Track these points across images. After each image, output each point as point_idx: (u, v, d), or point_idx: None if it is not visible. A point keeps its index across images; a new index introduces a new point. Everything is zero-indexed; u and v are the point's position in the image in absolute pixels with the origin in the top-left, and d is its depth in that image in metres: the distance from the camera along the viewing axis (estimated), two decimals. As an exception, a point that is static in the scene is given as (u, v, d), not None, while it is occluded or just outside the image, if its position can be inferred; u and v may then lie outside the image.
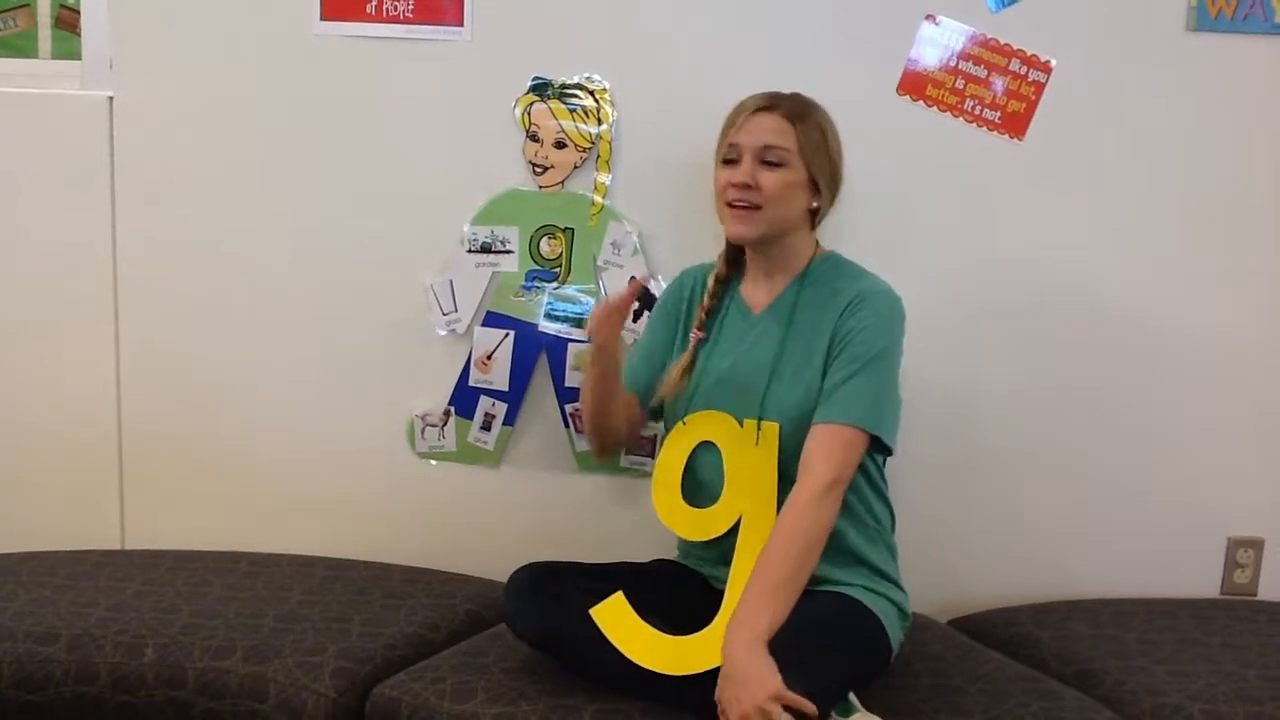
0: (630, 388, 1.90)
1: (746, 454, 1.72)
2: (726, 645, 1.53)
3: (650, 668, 1.61)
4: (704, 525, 1.76)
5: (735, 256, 1.87)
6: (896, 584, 1.78)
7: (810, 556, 1.58)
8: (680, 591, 1.80)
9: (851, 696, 1.61)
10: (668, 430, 1.85)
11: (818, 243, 1.83)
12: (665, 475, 1.80)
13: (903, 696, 1.70)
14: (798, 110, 1.76)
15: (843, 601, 1.69)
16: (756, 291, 1.83)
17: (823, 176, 1.76)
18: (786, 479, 1.67)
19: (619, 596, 1.67)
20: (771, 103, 1.76)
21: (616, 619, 1.65)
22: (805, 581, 1.57)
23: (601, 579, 1.73)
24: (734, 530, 1.72)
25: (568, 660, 1.70)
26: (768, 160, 1.73)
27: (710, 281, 1.87)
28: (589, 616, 1.65)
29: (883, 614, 1.70)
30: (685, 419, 1.80)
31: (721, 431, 1.75)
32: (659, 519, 1.80)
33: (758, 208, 1.73)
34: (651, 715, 1.61)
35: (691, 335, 1.85)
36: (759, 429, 1.71)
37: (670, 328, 1.91)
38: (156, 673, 1.77)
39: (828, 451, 1.62)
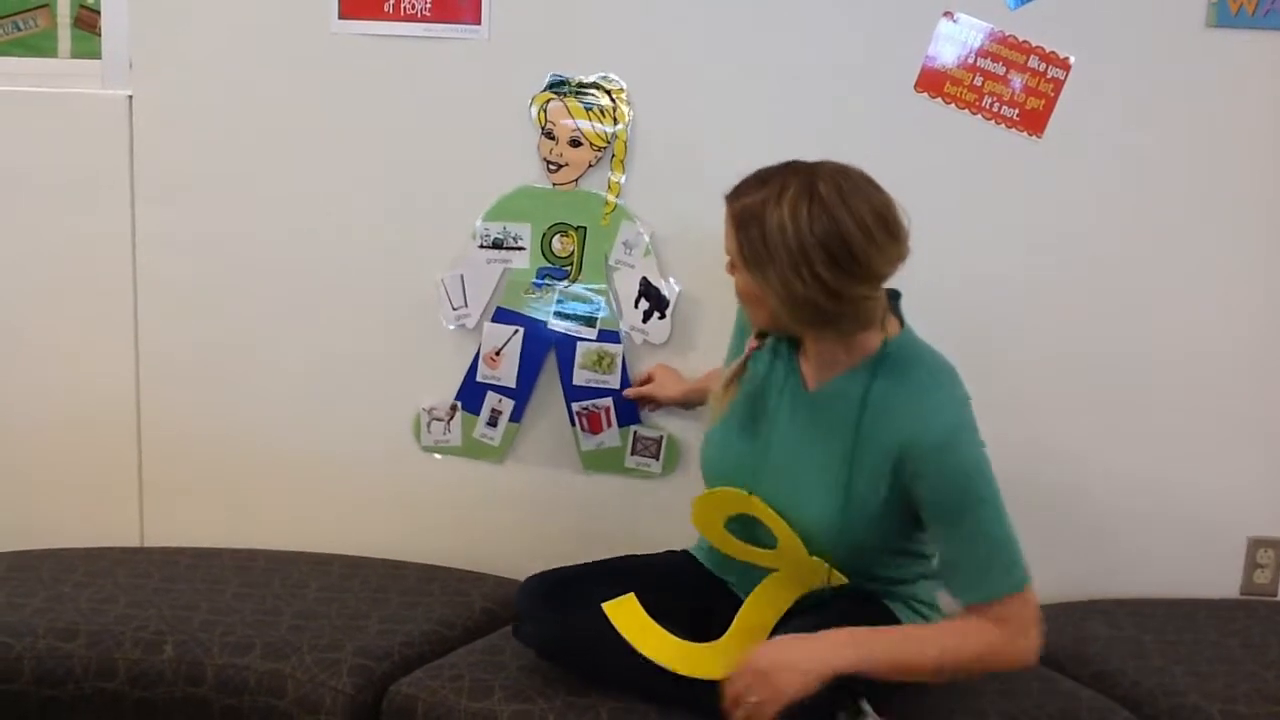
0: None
1: (803, 567, 1.65)
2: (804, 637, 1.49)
3: (662, 664, 1.61)
4: (735, 549, 1.72)
5: None
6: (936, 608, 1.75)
7: (955, 669, 1.52)
8: (695, 593, 1.79)
9: (864, 704, 1.59)
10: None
11: (884, 326, 1.58)
12: (708, 511, 1.71)
13: (918, 697, 1.69)
14: (745, 211, 1.49)
15: (872, 607, 1.66)
16: (808, 364, 1.66)
17: (771, 292, 1.48)
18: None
19: (631, 598, 1.67)
20: (732, 194, 1.53)
21: (628, 618, 1.66)
22: (923, 671, 1.52)
23: (613, 583, 1.70)
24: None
25: (579, 671, 1.69)
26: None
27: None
28: (599, 629, 1.63)
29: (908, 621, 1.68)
30: (755, 492, 1.64)
31: (786, 538, 1.64)
32: (691, 521, 1.75)
33: None
34: (667, 715, 1.62)
35: (747, 344, 1.73)
36: (829, 574, 1.61)
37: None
38: (175, 669, 1.78)
39: (1011, 633, 1.51)
